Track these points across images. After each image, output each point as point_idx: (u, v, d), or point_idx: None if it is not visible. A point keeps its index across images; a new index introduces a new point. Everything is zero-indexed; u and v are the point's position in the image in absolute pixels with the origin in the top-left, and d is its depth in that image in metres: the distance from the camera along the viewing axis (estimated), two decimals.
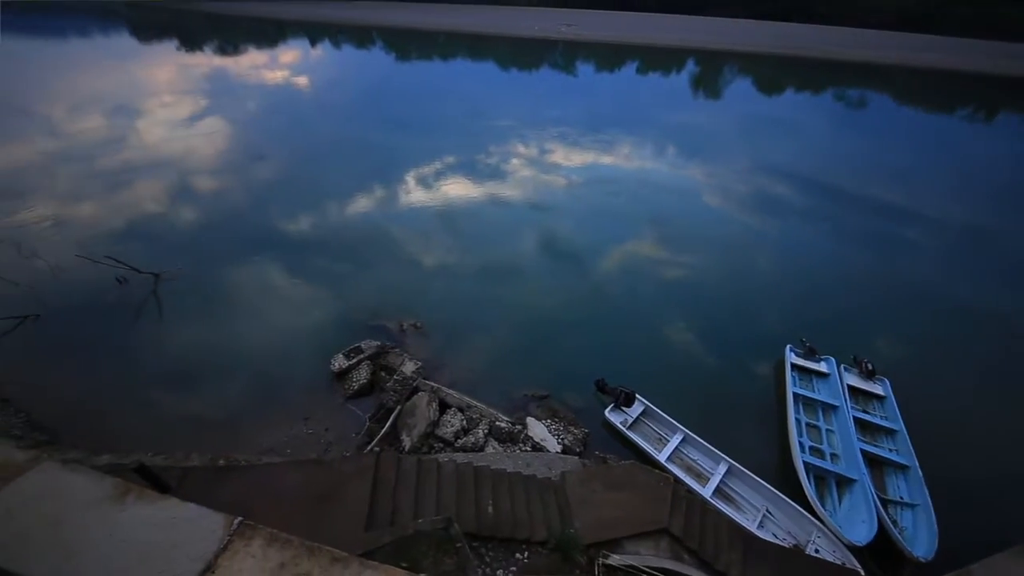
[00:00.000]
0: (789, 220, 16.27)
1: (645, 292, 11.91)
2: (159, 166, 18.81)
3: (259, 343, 9.76)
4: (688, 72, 48.37)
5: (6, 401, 8.42)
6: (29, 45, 62.82)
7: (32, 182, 17.07)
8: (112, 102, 30.17)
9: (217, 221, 14.71)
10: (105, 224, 14.19)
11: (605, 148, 22.59)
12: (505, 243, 13.88)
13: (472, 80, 42.29)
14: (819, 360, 9.63)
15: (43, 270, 11.32)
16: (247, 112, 28.28)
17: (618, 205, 16.62)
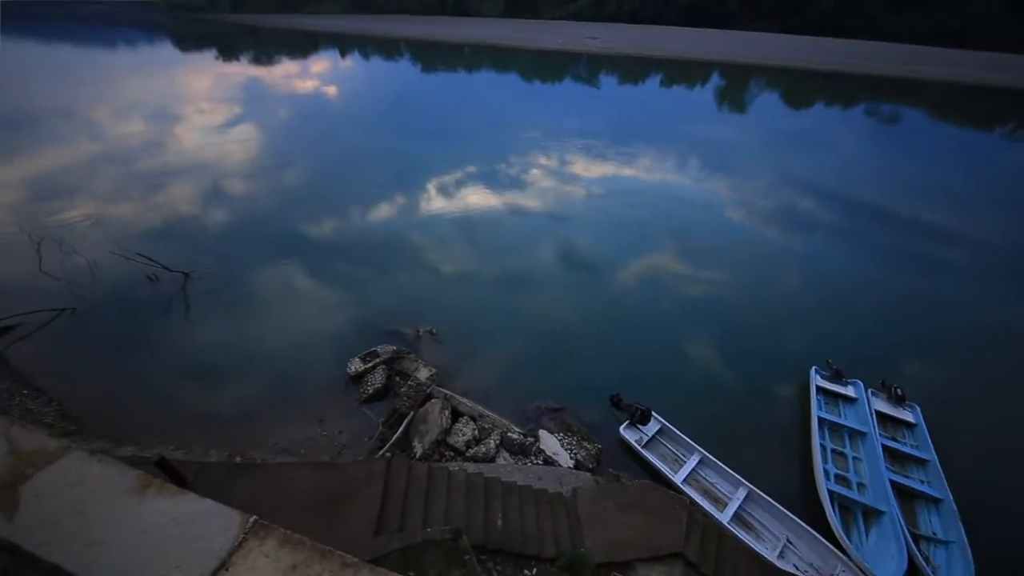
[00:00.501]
0: (816, 236, 15.81)
1: (664, 306, 11.71)
2: (194, 169, 19.63)
3: (279, 343, 9.97)
4: (713, 85, 47.96)
5: (40, 391, 8.81)
6: (81, 54, 66.91)
7: (77, 182, 18.02)
8: (153, 108, 31.74)
9: (245, 223, 15.21)
10: (141, 223, 14.82)
11: (626, 160, 22.50)
12: (523, 252, 13.90)
13: (495, 91, 42.91)
14: (846, 384, 9.25)
15: (81, 266, 11.88)
16: (278, 119, 29.34)
17: (638, 217, 16.48)
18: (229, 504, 2.74)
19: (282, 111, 31.68)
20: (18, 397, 8.51)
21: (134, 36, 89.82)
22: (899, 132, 32.63)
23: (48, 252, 11.75)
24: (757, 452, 8.05)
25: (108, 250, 12.19)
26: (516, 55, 63.58)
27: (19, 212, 15.33)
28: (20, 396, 8.55)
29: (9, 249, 12.66)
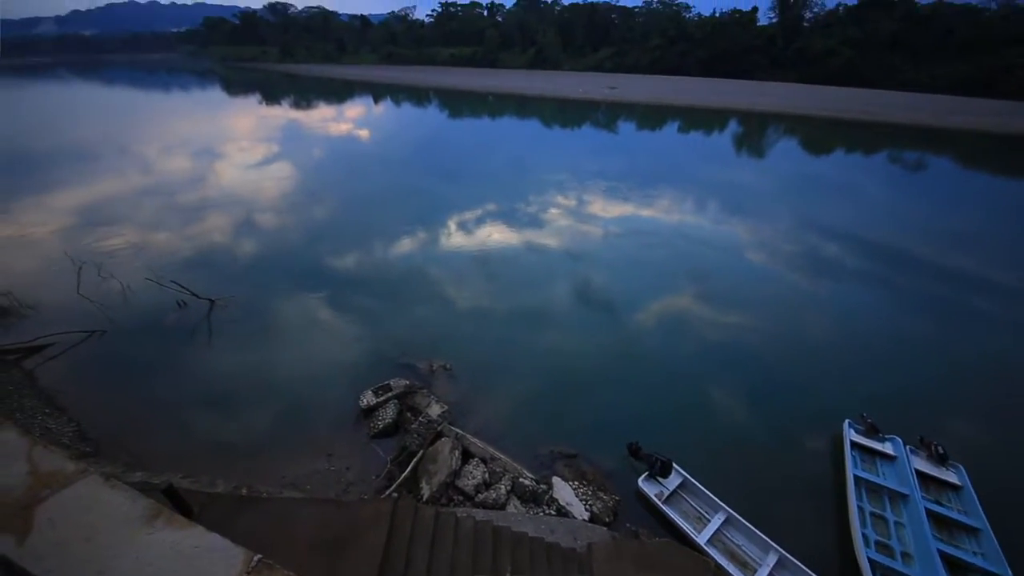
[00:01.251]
0: (843, 283, 15.36)
1: (685, 350, 11.36)
2: (230, 202, 20.76)
3: (294, 373, 10.02)
4: (731, 132, 48.89)
5: (62, 410, 8.99)
6: (140, 96, 73.43)
7: (123, 212, 19.24)
8: (198, 145, 34.21)
9: (272, 254, 15.79)
10: (176, 251, 15.57)
11: (644, 201, 22.76)
12: (540, 290, 13.90)
13: (517, 135, 44.73)
14: (883, 440, 8.61)
15: (116, 290, 12.45)
16: (312, 158, 31.12)
17: (657, 258, 16.42)
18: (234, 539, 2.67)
19: (316, 151, 33.65)
20: (40, 416, 8.70)
21: (188, 82, 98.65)
22: (926, 179, 32.26)
23: (87, 276, 12.38)
24: (788, 512, 7.46)
25: (143, 276, 12.77)
26: (537, 103, 66.68)
27: (67, 237, 16.36)
28: (43, 415, 8.74)
29: (53, 272, 13.42)
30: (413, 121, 53.39)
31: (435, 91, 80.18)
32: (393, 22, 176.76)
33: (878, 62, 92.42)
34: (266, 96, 72.82)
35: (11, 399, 8.90)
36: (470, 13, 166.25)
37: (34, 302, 12.02)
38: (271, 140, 37.22)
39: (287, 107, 61.57)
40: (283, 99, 69.66)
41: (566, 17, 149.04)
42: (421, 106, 64.58)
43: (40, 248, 15.42)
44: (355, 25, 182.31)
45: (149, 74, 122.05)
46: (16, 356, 10.08)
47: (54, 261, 14.00)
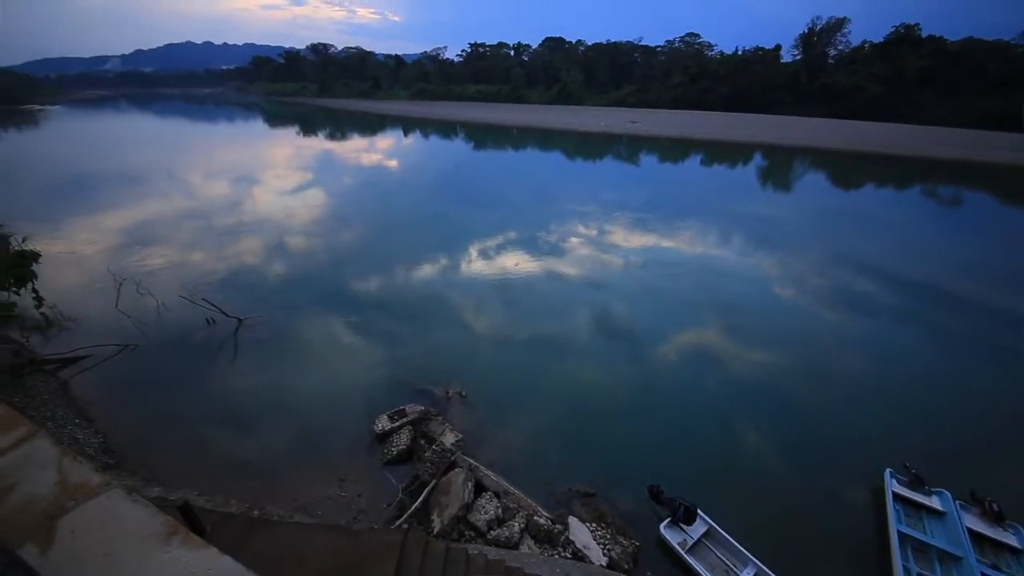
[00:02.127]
0: (879, 320, 14.65)
1: (710, 387, 10.91)
2: (263, 226, 21.72)
3: (313, 394, 10.09)
4: (755, 165, 48.71)
5: (90, 421, 9.26)
6: (190, 127, 79.04)
7: (164, 232, 20.35)
8: (239, 172, 36.26)
9: (300, 276, 16.29)
10: (210, 271, 16.25)
11: (666, 232, 22.62)
12: (559, 318, 13.77)
13: (539, 167, 45.75)
14: (929, 493, 7.90)
15: (151, 307, 12.99)
16: (343, 186, 32.50)
17: (679, 289, 16.13)
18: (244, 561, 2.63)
19: (347, 179, 35.17)
20: (70, 426, 8.96)
21: (234, 114, 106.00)
22: (963, 215, 31.09)
23: (126, 292, 13.00)
24: (824, 568, 6.87)
25: (177, 294, 13.33)
26: (560, 136, 68.39)
27: (112, 255, 17.35)
28: (72, 425, 9.01)
29: (95, 287, 14.18)
30: (440, 152, 55.44)
31: (462, 125, 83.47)
32: (425, 61, 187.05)
33: (907, 97, 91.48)
34: (304, 128, 77.35)
35: (45, 408, 9.24)
36: (497, 53, 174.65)
37: (76, 315, 12.65)
38: (306, 168, 39.19)
39: (322, 138, 65.10)
40: (319, 131, 73.75)
41: (589, 56, 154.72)
42: (448, 138, 67.15)
43: (87, 264, 16.36)
44: (390, 64, 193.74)
45: (199, 107, 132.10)
46: (54, 366, 10.52)
47: (98, 277, 14.82)
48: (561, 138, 66.20)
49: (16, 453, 3.56)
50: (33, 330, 11.88)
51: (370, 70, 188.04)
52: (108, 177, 32.89)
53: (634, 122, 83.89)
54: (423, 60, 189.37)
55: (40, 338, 11.68)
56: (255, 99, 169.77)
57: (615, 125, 79.52)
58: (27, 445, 3.65)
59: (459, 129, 77.28)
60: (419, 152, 54.98)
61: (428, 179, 36.26)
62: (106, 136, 65.92)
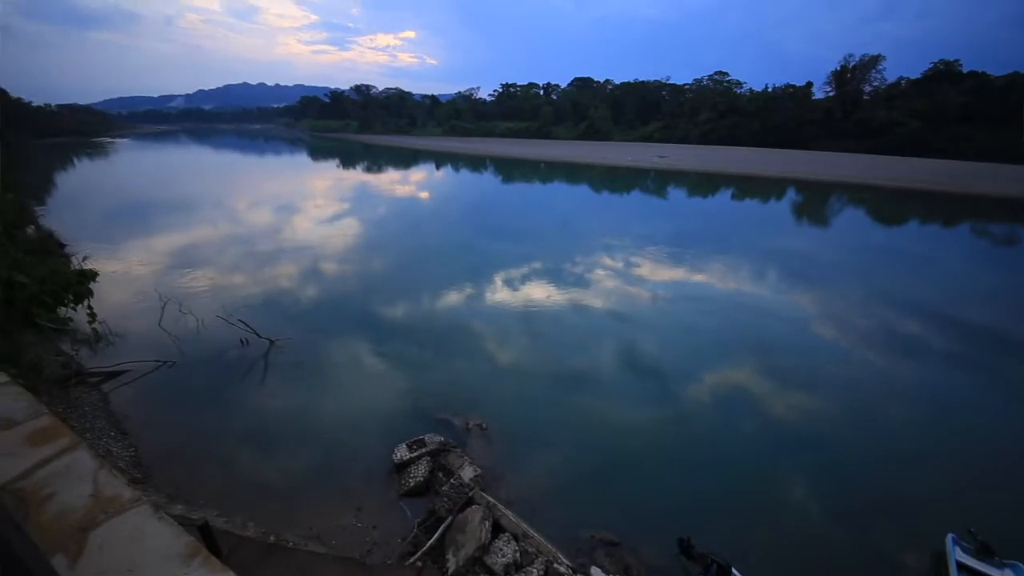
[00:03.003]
0: (933, 366, 13.55)
1: (748, 433, 10.23)
2: (299, 251, 22.71)
3: (335, 418, 10.11)
4: (789, 200, 47.62)
5: (125, 434, 9.54)
6: (240, 159, 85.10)
7: (209, 255, 21.56)
8: (281, 201, 38.44)
9: (330, 300, 16.75)
10: (247, 293, 16.96)
11: (696, 267, 22.12)
12: (584, 352, 13.46)
13: (566, 199, 46.35)
14: (1001, 565, 6.93)
15: (191, 325, 13.58)
16: (376, 215, 33.85)
17: (711, 326, 15.55)
18: None
19: (380, 208, 36.65)
20: (105, 438, 9.26)
21: (281, 148, 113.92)
22: (1020, 254, 29.05)
23: (169, 311, 13.66)
24: None
25: (216, 314, 13.91)
26: (587, 170, 69.46)
27: (160, 275, 18.44)
28: (108, 437, 9.31)
29: (141, 306, 15.01)
30: (469, 184, 57.25)
31: (491, 159, 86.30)
32: (458, 100, 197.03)
33: (948, 132, 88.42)
34: (343, 161, 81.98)
35: (86, 419, 9.61)
36: (527, 92, 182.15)
37: (122, 331, 13.35)
38: (342, 198, 41.19)
39: (360, 171, 68.68)
40: (357, 164, 77.94)
41: (617, 94, 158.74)
42: (477, 171, 69.40)
43: (136, 283, 17.42)
44: (426, 103, 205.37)
45: (250, 140, 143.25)
46: (97, 379, 11.02)
47: (145, 296, 15.72)
48: (588, 172, 67.21)
49: (58, 463, 3.68)
50: (82, 343, 12.58)
51: (407, 108, 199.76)
52: (163, 203, 35.57)
53: (662, 156, 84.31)
54: (457, 99, 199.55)
55: (87, 351, 12.33)
56: (300, 135, 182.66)
57: (642, 159, 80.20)
58: (68, 456, 3.77)
59: (488, 163, 79.84)
60: (449, 184, 56.95)
61: (457, 210, 37.29)
62: (163, 165, 71.95)
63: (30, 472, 3.61)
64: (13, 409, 5.04)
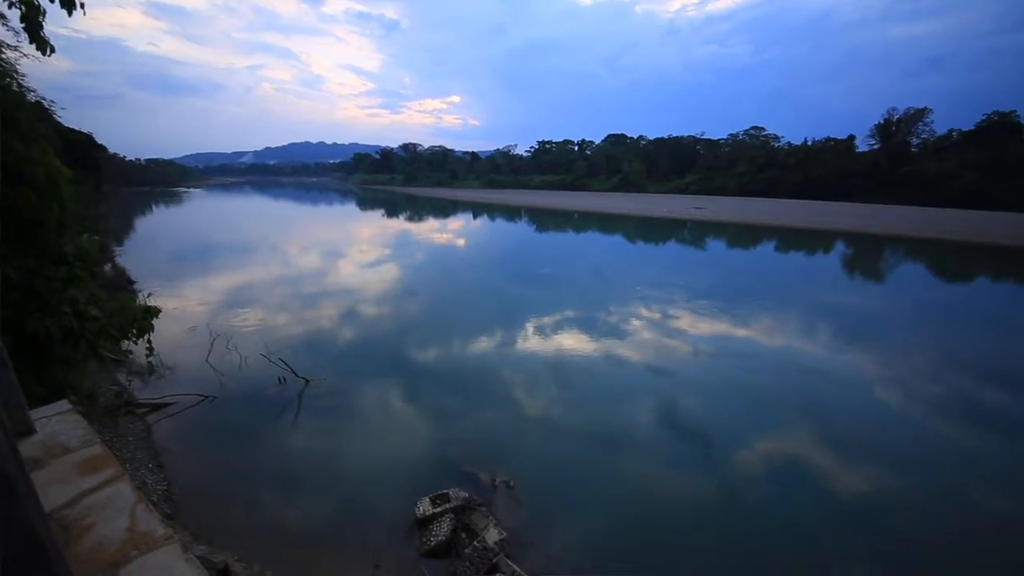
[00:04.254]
0: (1020, 443, 11.82)
1: (804, 506, 9.10)
2: (340, 294, 23.68)
3: (361, 464, 9.90)
4: (839, 252, 45.44)
5: (161, 467, 9.72)
6: (295, 207, 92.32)
7: (259, 295, 22.86)
8: (328, 247, 40.88)
9: (365, 341, 17.09)
10: (289, 332, 17.63)
11: (740, 320, 21.06)
12: (619, 407, 12.77)
13: (600, 248, 46.49)
14: None
15: (235, 362, 14.13)
16: (414, 260, 35.18)
17: (758, 385, 14.46)
18: None
19: (419, 254, 38.13)
20: (143, 469, 9.46)
21: (333, 198, 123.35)
22: None
23: (217, 346, 14.34)
24: None
25: (259, 351, 14.46)
26: (621, 220, 69.99)
27: (213, 312, 19.62)
28: (145, 469, 9.50)
29: (193, 340, 15.86)
30: (504, 232, 58.92)
31: (526, 209, 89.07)
32: (497, 156, 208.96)
33: (1009, 184, 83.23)
34: (387, 211, 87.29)
35: (128, 449, 9.92)
36: (562, 148, 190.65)
37: (172, 364, 14.07)
38: (384, 244, 43.35)
39: (402, 219, 72.62)
40: (400, 213, 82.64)
41: (650, 149, 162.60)
42: (512, 221, 71.56)
43: (191, 319, 18.57)
44: (466, 159, 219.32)
45: (305, 191, 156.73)
46: (144, 411, 11.50)
47: (197, 331, 16.68)
48: (622, 222, 67.67)
49: (101, 494, 3.77)
50: (136, 375, 13.31)
51: (449, 163, 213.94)
52: (224, 245, 38.73)
53: (699, 208, 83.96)
54: (495, 155, 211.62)
55: (139, 383, 13.00)
56: (351, 187, 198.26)
57: (678, 210, 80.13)
58: (111, 487, 3.86)
59: (523, 212, 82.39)
60: (485, 232, 58.85)
61: (491, 256, 38.17)
62: (227, 211, 79.10)
63: (76, 501, 3.69)
64: (71, 436, 5.29)
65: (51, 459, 4.55)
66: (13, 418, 4.95)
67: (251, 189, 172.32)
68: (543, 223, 67.94)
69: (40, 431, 5.35)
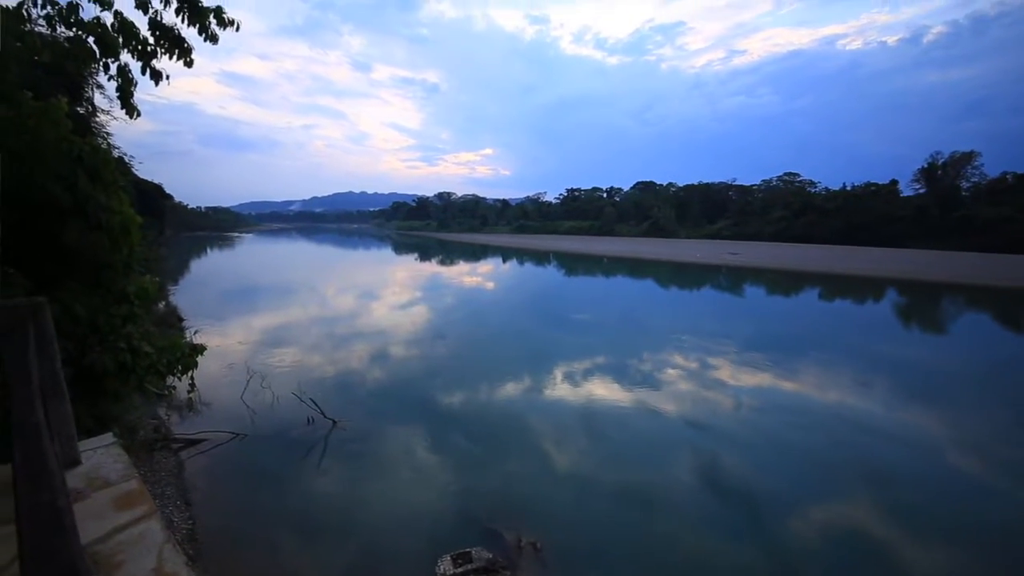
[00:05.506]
0: None
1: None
2: (373, 335, 24.16)
3: (381, 513, 9.57)
4: (890, 301, 42.64)
5: (189, 505, 9.74)
6: (336, 251, 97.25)
7: (294, 335, 23.66)
8: (363, 289, 42.36)
9: (392, 383, 17.10)
10: (321, 372, 17.95)
11: (785, 372, 19.73)
12: (655, 463, 11.92)
13: (630, 293, 45.78)
14: None
15: (267, 400, 14.40)
16: (443, 303, 35.75)
17: (811, 445, 13.22)
18: None
19: (448, 297, 38.78)
20: (171, 506, 9.50)
21: (371, 243, 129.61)
22: None
23: (252, 384, 14.73)
24: None
25: (291, 390, 14.72)
26: (652, 266, 69.20)
27: (252, 351, 20.35)
28: (173, 506, 9.54)
29: (231, 378, 16.38)
30: (532, 276, 59.37)
31: (554, 253, 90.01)
32: (527, 203, 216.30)
33: None
34: (421, 254, 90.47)
35: (160, 484, 10.05)
36: (591, 196, 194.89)
37: (209, 400, 14.49)
38: (415, 287, 44.53)
39: (434, 263, 74.86)
40: (433, 257, 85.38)
41: (681, 195, 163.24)
42: (541, 265, 72.25)
43: (230, 356, 19.31)
44: (497, 206, 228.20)
45: (346, 237, 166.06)
46: (179, 446, 11.74)
47: (235, 369, 17.25)
48: (653, 267, 66.89)
49: (133, 530, 3.79)
50: (175, 410, 13.76)
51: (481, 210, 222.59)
52: (267, 286, 40.89)
53: (733, 253, 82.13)
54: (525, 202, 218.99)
55: (177, 418, 13.40)
56: (388, 232, 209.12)
57: (711, 256, 78.56)
58: (143, 524, 3.88)
59: (551, 257, 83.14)
60: (513, 276, 59.52)
61: (519, 299, 38.26)
62: (274, 255, 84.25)
63: (109, 536, 3.71)
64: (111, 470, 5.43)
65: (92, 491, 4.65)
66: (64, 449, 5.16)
67: (297, 235, 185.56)
68: (572, 267, 68.13)
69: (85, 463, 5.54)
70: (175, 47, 6.41)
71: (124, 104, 6.24)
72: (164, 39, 6.31)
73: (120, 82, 6.06)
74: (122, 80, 6.07)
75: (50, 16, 6.13)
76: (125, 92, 6.10)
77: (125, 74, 6.09)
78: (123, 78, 6.08)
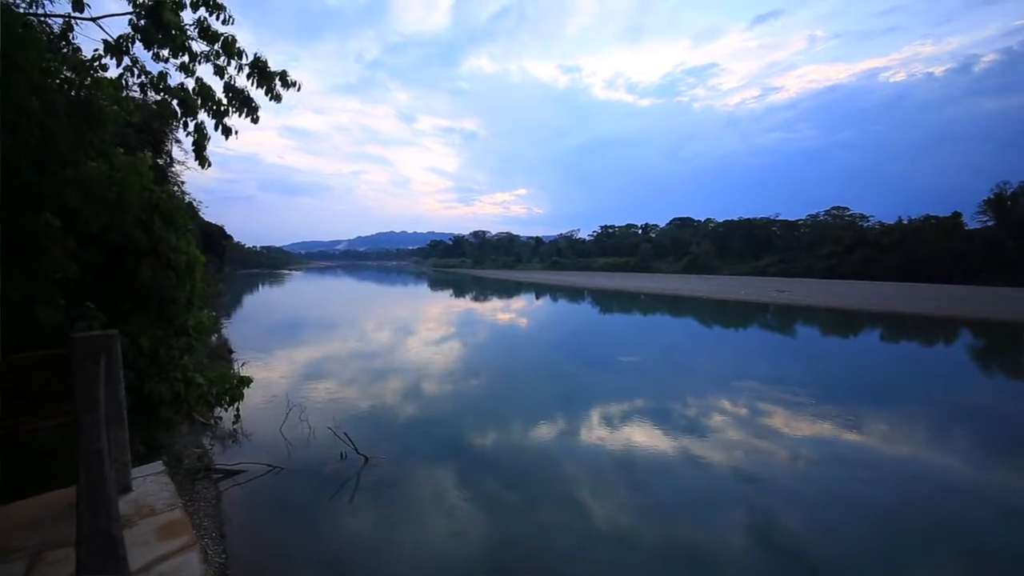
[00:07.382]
0: None
1: None
2: (407, 370, 24.42)
3: (410, 558, 9.22)
4: (964, 343, 38.60)
5: (223, 537, 9.82)
6: (375, 287, 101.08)
7: (332, 368, 24.33)
8: (399, 324, 43.42)
9: (425, 419, 16.99)
10: (355, 407, 18.18)
11: (846, 422, 17.96)
12: (701, 518, 10.93)
13: (670, 332, 44.07)
14: None
15: (304, 434, 14.66)
16: (477, 339, 35.85)
17: (879, 503, 11.72)
18: None
19: (482, 333, 38.91)
20: (207, 538, 9.61)
21: (408, 279, 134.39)
22: None
23: (291, 417, 15.08)
24: None
25: (326, 425, 14.94)
26: (693, 303, 66.79)
27: (293, 384, 21.03)
28: (209, 538, 9.65)
29: (270, 411, 16.88)
30: (566, 313, 58.72)
31: (589, 290, 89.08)
32: (560, 240, 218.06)
33: None
34: (455, 291, 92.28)
35: (198, 515, 10.25)
36: (626, 232, 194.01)
37: (250, 431, 14.93)
38: (450, 323, 45.10)
39: (468, 299, 75.96)
40: (467, 294, 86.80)
41: (721, 231, 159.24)
42: (575, 302, 71.50)
43: (272, 388, 20.01)
44: (531, 243, 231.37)
45: (385, 274, 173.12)
46: (219, 476, 12.04)
47: (276, 402, 17.79)
48: (694, 304, 64.53)
49: (173, 562, 3.84)
50: (217, 439, 14.24)
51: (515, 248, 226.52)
52: (311, 320, 42.77)
53: (781, 291, 78.14)
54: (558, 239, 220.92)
55: (220, 447, 13.84)
56: (425, 269, 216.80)
57: (757, 293, 75.05)
58: (183, 556, 3.93)
59: (586, 294, 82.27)
60: (547, 312, 59.12)
61: (553, 337, 37.73)
62: (319, 290, 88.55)
63: (150, 566, 3.77)
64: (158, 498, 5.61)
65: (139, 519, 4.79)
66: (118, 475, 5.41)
67: (341, 272, 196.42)
68: (608, 305, 66.90)
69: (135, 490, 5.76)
70: (244, 106, 7.24)
71: (198, 156, 7.02)
72: (236, 99, 7.15)
73: (196, 137, 6.85)
74: (198, 135, 6.86)
75: (143, 84, 7.13)
76: (200, 146, 6.88)
77: (201, 130, 6.89)
78: (199, 134, 6.87)
